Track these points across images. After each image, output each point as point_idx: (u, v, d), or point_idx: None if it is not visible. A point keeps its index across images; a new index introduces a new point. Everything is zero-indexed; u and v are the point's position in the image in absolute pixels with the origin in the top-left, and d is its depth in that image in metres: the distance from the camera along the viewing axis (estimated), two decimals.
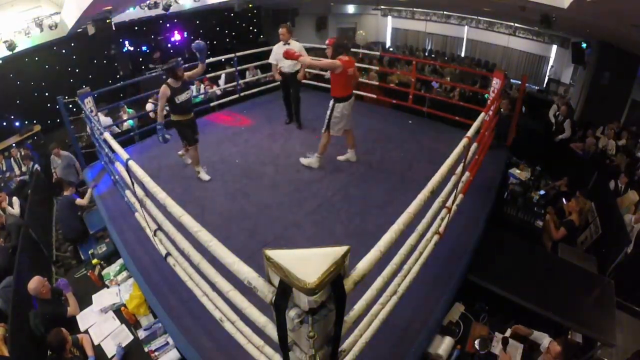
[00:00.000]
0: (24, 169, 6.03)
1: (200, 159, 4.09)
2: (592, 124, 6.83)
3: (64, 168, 5.15)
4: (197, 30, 10.70)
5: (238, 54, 6.10)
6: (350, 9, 12.96)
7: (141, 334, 2.72)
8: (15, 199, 4.90)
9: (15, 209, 4.77)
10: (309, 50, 8.86)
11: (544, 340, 2.62)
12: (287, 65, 4.95)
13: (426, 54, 12.28)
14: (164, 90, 3.59)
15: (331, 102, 3.79)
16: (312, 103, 6.18)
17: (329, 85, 3.85)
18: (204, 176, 4.08)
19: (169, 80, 3.62)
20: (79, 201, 4.20)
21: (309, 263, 1.02)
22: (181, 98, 3.70)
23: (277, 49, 4.88)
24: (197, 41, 3.69)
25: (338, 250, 1.06)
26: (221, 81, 7.59)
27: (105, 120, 5.80)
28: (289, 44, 4.78)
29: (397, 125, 5.43)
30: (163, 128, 3.75)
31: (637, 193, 4.54)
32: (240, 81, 6.55)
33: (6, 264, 3.72)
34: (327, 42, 3.63)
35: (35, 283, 2.88)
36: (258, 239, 3.18)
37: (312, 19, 12.40)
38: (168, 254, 2.44)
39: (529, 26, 9.49)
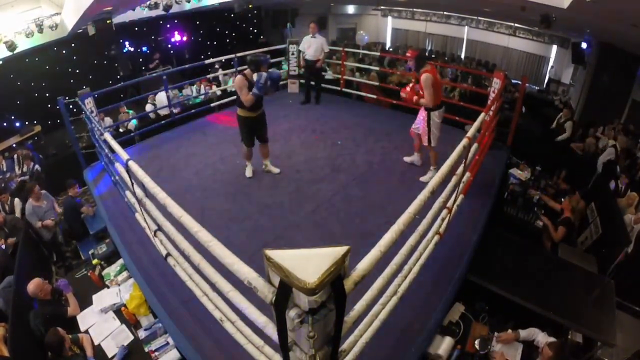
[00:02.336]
0: (24, 169, 6.03)
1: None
2: (593, 124, 6.83)
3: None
4: (197, 30, 10.72)
5: (238, 54, 6.10)
6: (350, 9, 12.98)
7: (141, 334, 2.72)
8: (17, 201, 4.91)
9: (17, 211, 4.77)
10: None
11: (538, 336, 2.62)
12: (309, 54, 5.72)
13: (426, 54, 12.27)
14: (242, 80, 3.46)
15: (425, 114, 3.73)
16: (311, 103, 6.20)
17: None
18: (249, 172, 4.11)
19: (246, 72, 3.51)
20: (85, 209, 4.31)
21: (309, 263, 1.02)
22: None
23: (305, 40, 5.79)
24: (274, 70, 3.54)
25: (338, 251, 1.06)
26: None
27: (107, 121, 5.81)
28: (315, 37, 5.69)
29: (397, 125, 5.42)
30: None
31: (637, 194, 4.53)
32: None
33: (7, 264, 3.72)
34: (408, 54, 3.66)
35: (34, 285, 2.89)
36: (258, 239, 3.18)
37: (313, 19, 12.40)
38: (168, 254, 2.44)
39: (529, 26, 9.49)
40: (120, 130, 6.29)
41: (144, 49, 9.71)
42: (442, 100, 3.77)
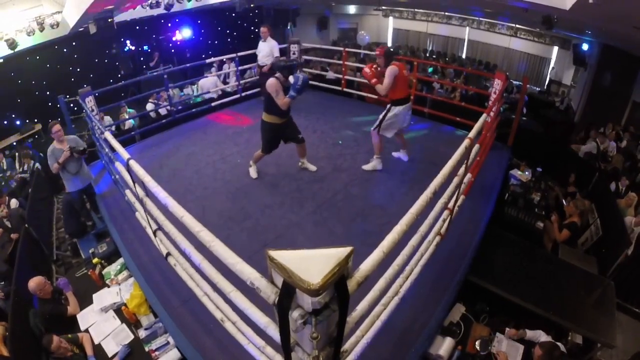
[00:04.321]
0: (25, 167, 6.03)
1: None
2: (593, 125, 6.83)
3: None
4: (198, 30, 10.71)
5: (240, 53, 6.10)
6: (352, 9, 12.97)
7: (142, 333, 2.72)
8: (13, 201, 4.91)
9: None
10: (310, 50, 8.90)
11: (541, 338, 2.63)
12: (259, 59, 5.49)
13: (427, 54, 12.28)
14: (277, 83, 3.43)
15: (389, 106, 3.91)
16: (312, 103, 6.19)
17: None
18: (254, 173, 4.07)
19: (278, 75, 3.49)
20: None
21: (312, 264, 1.01)
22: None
23: (259, 45, 5.59)
24: (303, 74, 3.45)
25: (342, 251, 1.06)
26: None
27: (106, 120, 5.80)
28: (265, 41, 5.47)
29: None
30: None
31: (638, 195, 4.53)
32: (241, 81, 6.55)
33: (6, 263, 3.72)
34: (376, 52, 3.75)
35: (35, 283, 2.88)
36: (259, 239, 3.18)
37: (314, 19, 12.40)
38: (169, 253, 2.44)
39: (531, 27, 9.49)
40: (122, 128, 6.28)
41: (145, 47, 9.70)
42: (407, 96, 3.91)
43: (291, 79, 3.44)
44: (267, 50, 5.49)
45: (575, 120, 8.18)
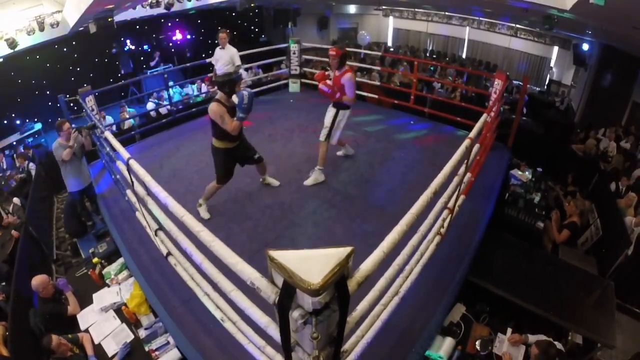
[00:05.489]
0: (20, 167, 6.03)
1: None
2: (593, 125, 6.84)
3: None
4: (198, 29, 10.71)
5: (240, 53, 6.09)
6: (352, 9, 12.97)
7: (142, 333, 2.72)
8: (16, 200, 4.92)
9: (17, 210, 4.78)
10: (310, 50, 8.90)
11: None
12: (218, 69, 5.01)
13: (427, 54, 12.28)
14: (219, 107, 2.94)
15: (335, 110, 3.80)
16: (312, 103, 6.19)
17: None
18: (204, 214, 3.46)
19: (219, 97, 3.01)
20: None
21: (313, 264, 1.02)
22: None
23: (216, 53, 5.09)
24: (245, 88, 3.07)
25: (342, 251, 1.06)
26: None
27: (108, 119, 5.81)
28: (224, 49, 4.98)
29: (398, 125, 5.43)
30: None
31: (638, 195, 4.54)
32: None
33: (6, 263, 3.72)
34: (332, 52, 3.49)
35: (38, 281, 2.87)
36: (259, 239, 3.18)
37: (314, 19, 12.41)
38: (169, 253, 2.44)
39: (531, 27, 9.49)
40: (122, 127, 6.29)
41: (145, 47, 9.70)
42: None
43: (234, 98, 2.94)
44: (226, 58, 4.98)
45: (576, 121, 8.18)
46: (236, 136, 3.12)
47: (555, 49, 9.61)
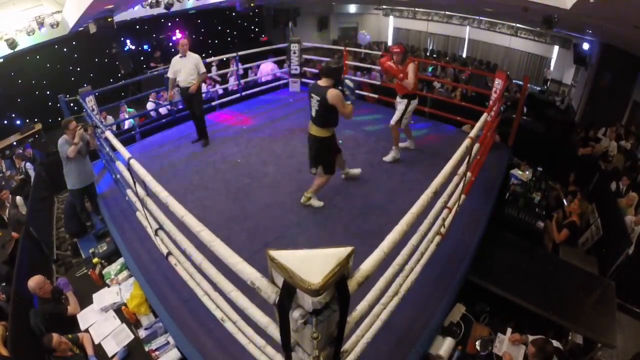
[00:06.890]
0: (18, 167, 6.03)
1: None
2: (594, 125, 6.83)
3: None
4: (198, 29, 10.71)
5: (240, 53, 6.10)
6: (352, 8, 12.97)
7: (142, 333, 2.72)
8: (19, 199, 4.92)
9: (21, 209, 4.80)
10: (310, 50, 8.90)
11: None
12: (181, 80, 4.50)
13: (428, 53, 12.28)
14: (340, 93, 3.01)
15: (406, 100, 4.09)
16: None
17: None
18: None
19: (333, 82, 3.06)
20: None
21: (313, 264, 1.01)
22: None
23: (174, 63, 4.55)
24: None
25: (342, 251, 1.06)
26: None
27: (109, 119, 5.80)
28: (185, 56, 4.48)
29: None
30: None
31: (638, 195, 4.53)
32: (242, 80, 6.56)
33: (6, 264, 3.72)
34: (396, 49, 3.93)
35: (34, 282, 2.87)
36: (259, 239, 3.18)
37: (314, 19, 12.40)
38: (169, 253, 2.43)
39: (531, 27, 9.49)
40: (122, 127, 6.29)
41: (145, 47, 9.70)
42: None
43: (348, 84, 3.07)
44: (190, 67, 4.46)
45: (576, 120, 8.18)
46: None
47: (556, 48, 9.61)
